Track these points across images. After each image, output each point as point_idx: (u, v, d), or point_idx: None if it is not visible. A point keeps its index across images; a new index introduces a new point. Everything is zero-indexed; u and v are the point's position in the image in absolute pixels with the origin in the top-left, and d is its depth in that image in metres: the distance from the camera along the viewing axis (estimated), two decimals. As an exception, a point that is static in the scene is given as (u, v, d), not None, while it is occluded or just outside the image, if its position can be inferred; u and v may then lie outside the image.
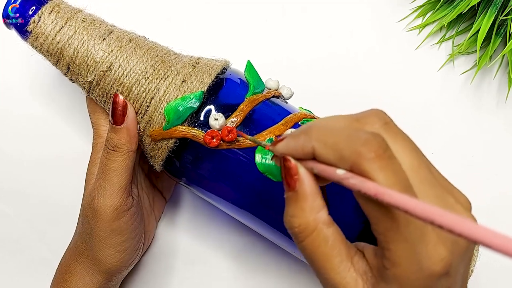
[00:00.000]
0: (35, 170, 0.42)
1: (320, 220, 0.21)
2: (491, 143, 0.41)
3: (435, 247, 0.19)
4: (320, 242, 0.21)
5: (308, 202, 0.21)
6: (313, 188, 0.21)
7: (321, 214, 0.21)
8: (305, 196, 0.21)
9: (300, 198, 0.21)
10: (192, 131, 0.30)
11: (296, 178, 0.21)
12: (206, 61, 0.32)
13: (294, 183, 0.21)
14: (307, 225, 0.21)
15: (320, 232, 0.21)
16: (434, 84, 0.42)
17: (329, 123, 0.22)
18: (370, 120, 0.21)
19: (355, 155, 0.19)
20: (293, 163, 0.21)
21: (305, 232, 0.21)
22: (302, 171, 0.21)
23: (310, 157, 0.21)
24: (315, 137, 0.21)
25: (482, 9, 0.38)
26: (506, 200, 0.41)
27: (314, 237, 0.21)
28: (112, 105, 0.30)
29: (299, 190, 0.21)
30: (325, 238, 0.21)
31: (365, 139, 0.19)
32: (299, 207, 0.21)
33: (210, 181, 0.32)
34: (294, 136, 0.22)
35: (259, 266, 0.40)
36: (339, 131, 0.20)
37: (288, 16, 0.42)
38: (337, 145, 0.20)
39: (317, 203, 0.21)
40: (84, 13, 0.32)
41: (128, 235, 0.33)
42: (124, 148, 0.31)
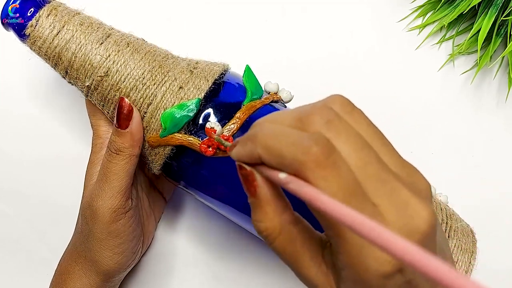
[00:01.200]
0: (35, 170, 0.42)
1: (285, 221, 0.21)
2: (491, 143, 0.41)
3: None
4: (287, 243, 0.21)
5: (271, 206, 0.21)
6: (272, 191, 0.21)
7: (285, 215, 0.21)
8: (267, 200, 0.21)
9: (262, 203, 0.21)
10: (189, 139, 0.30)
11: (255, 184, 0.21)
12: (204, 65, 0.32)
13: (254, 190, 0.21)
14: (273, 228, 0.21)
15: (287, 233, 0.21)
16: (434, 84, 0.42)
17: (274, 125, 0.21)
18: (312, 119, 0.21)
19: (297, 164, 0.19)
20: (248, 170, 0.21)
21: (273, 235, 0.21)
22: (259, 177, 0.21)
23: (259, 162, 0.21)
24: (259, 144, 0.20)
25: (482, 10, 0.38)
26: (506, 200, 0.41)
27: (281, 238, 0.21)
28: (118, 108, 0.30)
29: (260, 195, 0.21)
30: (292, 238, 0.21)
31: (306, 146, 0.19)
32: (263, 212, 0.21)
33: (208, 185, 0.32)
34: (242, 142, 0.22)
35: (258, 268, 0.40)
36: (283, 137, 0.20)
37: (288, 16, 0.42)
38: (281, 152, 0.19)
39: (280, 204, 0.21)
40: (82, 15, 0.32)
41: (125, 237, 0.33)
42: (127, 152, 0.31)
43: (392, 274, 0.19)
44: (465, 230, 0.33)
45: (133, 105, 0.30)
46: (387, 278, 0.19)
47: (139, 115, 0.31)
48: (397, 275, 0.19)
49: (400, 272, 0.19)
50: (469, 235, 0.32)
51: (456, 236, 0.31)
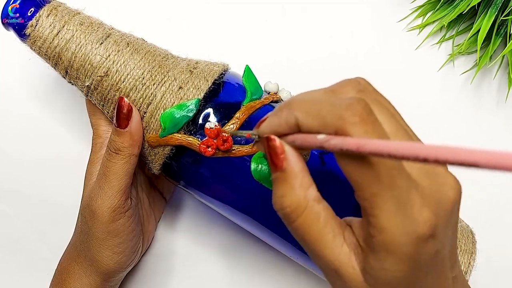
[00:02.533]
0: (35, 170, 0.42)
1: (311, 197, 0.21)
2: (491, 143, 0.41)
3: (420, 210, 0.19)
4: (312, 220, 0.21)
5: (298, 179, 0.21)
6: (300, 164, 0.21)
7: (311, 190, 0.21)
8: (294, 173, 0.21)
9: (289, 176, 0.21)
10: (188, 139, 0.30)
11: (283, 157, 0.21)
12: (204, 65, 0.32)
13: (281, 162, 0.21)
14: (298, 203, 0.21)
15: (312, 209, 0.21)
16: (434, 84, 0.42)
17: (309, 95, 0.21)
18: (345, 90, 0.21)
19: (340, 120, 0.19)
20: (278, 142, 0.21)
21: (297, 210, 0.21)
22: (288, 149, 0.21)
23: (295, 130, 0.21)
24: (297, 108, 0.20)
25: (482, 9, 0.38)
26: (506, 201, 0.41)
27: (306, 214, 0.21)
28: (117, 108, 0.30)
29: (287, 168, 0.21)
30: (317, 215, 0.21)
31: (348, 103, 0.19)
32: (288, 185, 0.21)
33: (207, 185, 0.32)
34: (276, 112, 0.22)
35: (258, 268, 0.40)
36: (321, 100, 0.20)
37: (288, 16, 0.42)
38: (320, 112, 0.19)
39: (306, 179, 0.21)
40: (82, 15, 0.32)
41: (125, 237, 0.33)
42: (126, 152, 0.31)
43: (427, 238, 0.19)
44: (465, 230, 0.33)
45: (133, 105, 0.30)
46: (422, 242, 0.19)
47: (138, 115, 0.31)
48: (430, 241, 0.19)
49: (433, 237, 0.19)
50: (469, 235, 0.32)
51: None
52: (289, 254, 0.34)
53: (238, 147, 0.29)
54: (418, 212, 0.19)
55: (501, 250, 0.40)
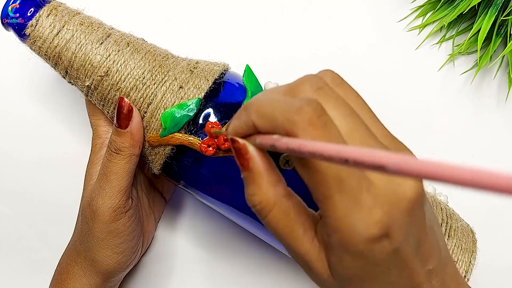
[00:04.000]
0: (35, 170, 0.42)
1: (279, 194, 0.21)
2: (491, 143, 0.41)
3: (370, 211, 0.19)
4: (281, 216, 0.21)
5: (264, 178, 0.21)
6: (265, 163, 0.22)
7: (279, 187, 0.22)
8: (260, 173, 0.21)
9: (256, 175, 0.21)
10: (189, 139, 0.30)
11: (248, 157, 0.21)
12: (204, 65, 0.32)
13: (247, 163, 0.21)
14: (267, 201, 0.21)
15: (281, 206, 0.21)
16: (434, 84, 0.42)
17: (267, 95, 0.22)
18: (302, 88, 0.21)
19: (290, 123, 0.19)
20: (241, 143, 0.22)
21: (267, 208, 0.21)
22: (252, 149, 0.21)
23: (255, 131, 0.21)
24: (254, 111, 0.21)
25: (482, 9, 0.38)
26: (506, 202, 0.40)
27: (275, 211, 0.21)
28: (117, 108, 0.30)
29: (253, 168, 0.21)
30: (286, 211, 0.21)
31: (298, 107, 0.19)
32: (256, 185, 0.21)
33: (208, 184, 0.32)
34: (237, 115, 0.22)
35: (257, 267, 0.40)
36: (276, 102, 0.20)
37: (288, 15, 0.42)
38: (273, 115, 0.20)
39: (273, 177, 0.22)
40: (82, 15, 0.32)
41: (125, 237, 0.33)
42: (127, 152, 0.31)
43: (379, 238, 0.19)
44: (465, 229, 0.33)
45: (133, 105, 0.30)
46: (374, 242, 0.19)
47: (139, 115, 0.31)
48: (384, 240, 0.20)
49: (387, 237, 0.19)
50: (469, 234, 0.32)
51: (456, 236, 0.31)
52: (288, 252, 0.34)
53: None
54: (368, 213, 0.19)
55: (502, 249, 0.40)
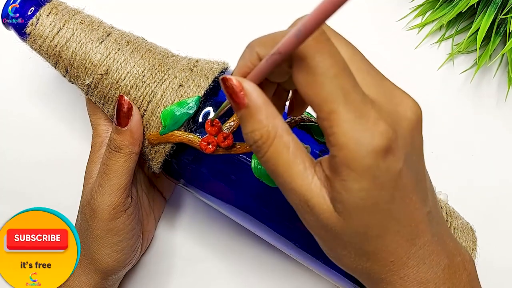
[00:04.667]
0: (35, 170, 0.42)
1: (278, 126, 0.21)
2: (491, 142, 0.41)
3: (375, 122, 0.19)
4: (282, 149, 0.21)
5: (263, 111, 0.21)
6: (263, 97, 0.21)
7: (278, 120, 0.21)
8: (258, 106, 0.21)
9: (254, 110, 0.21)
10: (189, 136, 0.30)
11: (243, 93, 0.21)
12: (204, 63, 0.32)
13: (243, 99, 0.21)
14: (268, 133, 0.21)
15: (281, 138, 0.21)
16: (433, 83, 0.42)
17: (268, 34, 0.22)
18: None
19: None
20: (234, 80, 0.21)
21: (268, 141, 0.21)
22: (247, 84, 0.21)
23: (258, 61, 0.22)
24: (256, 44, 0.22)
25: (481, 8, 0.38)
26: (506, 200, 0.41)
27: (276, 144, 0.21)
28: (117, 106, 0.30)
29: (250, 103, 0.21)
30: (286, 144, 0.21)
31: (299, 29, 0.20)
32: (255, 120, 0.21)
33: (207, 182, 0.32)
34: (241, 56, 0.23)
35: (258, 267, 0.40)
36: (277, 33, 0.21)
37: (288, 14, 0.42)
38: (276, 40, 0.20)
39: (271, 110, 0.21)
40: (83, 14, 0.32)
41: (125, 235, 0.33)
42: (127, 150, 0.31)
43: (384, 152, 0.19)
44: (465, 227, 0.33)
45: (133, 103, 0.30)
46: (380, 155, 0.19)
47: (138, 113, 0.31)
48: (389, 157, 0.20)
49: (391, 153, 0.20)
50: (469, 232, 0.32)
51: (456, 234, 0.32)
52: (289, 252, 0.34)
53: (238, 144, 0.29)
54: (373, 125, 0.19)
55: (502, 248, 0.40)
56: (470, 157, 0.41)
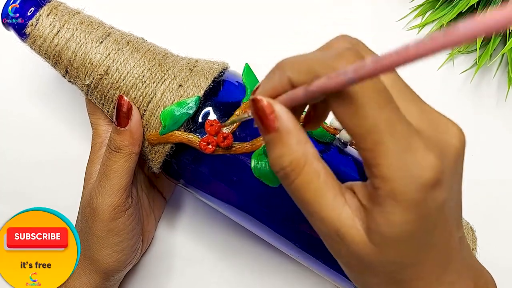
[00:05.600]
0: (34, 170, 0.42)
1: (309, 153, 0.20)
2: (491, 142, 0.41)
3: (424, 154, 0.19)
4: (312, 177, 0.20)
5: (294, 136, 0.20)
6: (294, 121, 0.20)
7: (308, 146, 0.20)
8: (289, 130, 0.20)
9: (284, 134, 0.20)
10: (188, 136, 0.30)
11: (273, 116, 0.20)
12: (203, 64, 0.32)
13: (273, 122, 0.20)
14: (298, 160, 0.20)
15: (311, 165, 0.20)
16: (433, 83, 0.42)
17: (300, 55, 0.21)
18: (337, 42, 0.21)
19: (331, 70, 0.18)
20: (265, 101, 0.20)
21: (297, 168, 0.20)
22: (279, 107, 0.20)
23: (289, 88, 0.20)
24: (288, 67, 0.20)
25: (481, 8, 0.38)
26: (506, 200, 0.41)
27: (306, 171, 0.20)
28: (117, 106, 0.30)
29: (281, 126, 0.20)
30: (317, 172, 0.20)
31: (338, 53, 0.19)
32: (285, 144, 0.20)
33: (207, 182, 0.32)
34: (268, 76, 0.21)
35: (258, 267, 0.40)
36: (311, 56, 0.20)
37: (288, 14, 0.42)
38: (311, 67, 0.19)
39: (302, 135, 0.20)
40: (82, 14, 0.32)
41: (125, 235, 0.33)
42: (127, 150, 0.31)
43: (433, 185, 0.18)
44: (465, 227, 0.33)
45: (133, 103, 0.31)
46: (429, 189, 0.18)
47: (138, 113, 0.31)
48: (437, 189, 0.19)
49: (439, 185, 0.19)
50: (469, 232, 0.32)
51: (456, 234, 0.31)
52: (289, 252, 0.34)
53: (238, 144, 0.29)
54: (422, 157, 0.18)
55: (501, 248, 0.40)
56: (470, 157, 0.41)
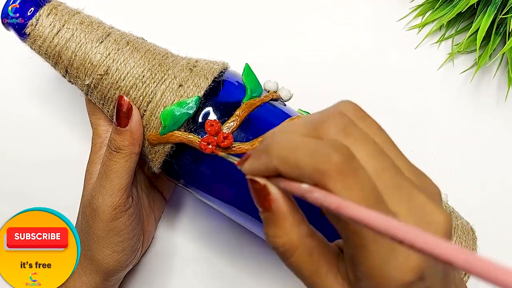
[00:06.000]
0: (34, 170, 0.42)
1: (303, 234, 0.20)
2: (491, 142, 0.41)
3: (406, 258, 0.19)
4: (305, 257, 0.20)
5: (288, 219, 0.20)
6: (289, 204, 0.20)
7: (302, 227, 0.20)
8: (283, 214, 0.20)
9: (279, 217, 0.20)
10: (189, 136, 0.30)
11: (270, 198, 0.20)
12: (203, 64, 0.32)
13: (269, 204, 0.20)
14: (291, 243, 0.20)
15: (305, 247, 0.20)
16: (433, 83, 0.42)
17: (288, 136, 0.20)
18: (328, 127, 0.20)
19: (318, 174, 0.18)
20: (262, 184, 0.20)
21: (290, 250, 0.20)
22: (274, 191, 0.20)
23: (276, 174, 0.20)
24: (275, 155, 0.19)
25: (481, 8, 0.38)
26: (506, 199, 0.41)
27: (299, 253, 0.20)
28: (117, 107, 0.30)
29: (276, 210, 0.20)
30: (310, 251, 0.20)
31: (326, 154, 0.18)
32: (279, 227, 0.20)
33: (207, 183, 0.32)
34: (256, 155, 0.21)
35: (258, 267, 0.40)
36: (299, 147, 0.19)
37: (288, 14, 0.42)
38: (299, 163, 0.19)
39: (297, 217, 0.20)
40: (82, 14, 0.32)
41: (125, 235, 0.33)
42: (127, 150, 0.31)
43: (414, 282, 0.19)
44: (465, 227, 0.33)
45: (133, 103, 0.31)
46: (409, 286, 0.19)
47: (138, 113, 0.31)
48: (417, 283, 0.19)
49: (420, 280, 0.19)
50: (469, 232, 0.32)
51: (456, 234, 0.32)
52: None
53: (238, 144, 0.29)
54: (404, 261, 0.19)
55: (501, 248, 0.40)
56: (470, 157, 0.41)
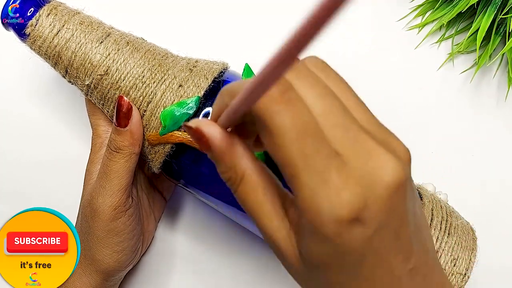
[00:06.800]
0: (34, 170, 0.42)
1: (246, 167, 0.21)
2: (491, 142, 0.41)
3: (338, 192, 0.18)
4: (249, 190, 0.21)
5: (227, 154, 0.21)
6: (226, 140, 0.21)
7: (245, 161, 0.21)
8: (222, 150, 0.21)
9: (217, 154, 0.21)
10: (188, 137, 0.30)
11: (205, 139, 0.21)
12: (203, 64, 0.32)
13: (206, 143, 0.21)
14: (235, 175, 0.21)
15: (248, 180, 0.21)
16: (433, 83, 0.42)
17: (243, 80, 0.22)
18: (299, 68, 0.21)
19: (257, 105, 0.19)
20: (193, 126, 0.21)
21: (235, 182, 0.21)
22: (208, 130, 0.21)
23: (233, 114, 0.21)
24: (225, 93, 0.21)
25: (481, 8, 0.38)
26: (506, 199, 0.41)
27: (243, 185, 0.21)
28: (117, 107, 0.30)
29: (214, 148, 0.21)
30: (254, 186, 0.21)
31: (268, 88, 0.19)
32: (222, 162, 0.21)
33: (207, 183, 0.32)
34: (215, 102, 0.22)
35: (258, 267, 0.40)
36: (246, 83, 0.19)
37: (288, 14, 0.42)
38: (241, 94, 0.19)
39: (237, 152, 0.21)
40: (82, 14, 0.32)
41: (125, 235, 0.33)
42: (127, 150, 0.31)
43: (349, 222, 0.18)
44: (465, 227, 0.33)
45: (133, 104, 0.31)
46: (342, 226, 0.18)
47: (138, 113, 0.31)
48: (355, 226, 0.18)
49: (359, 222, 0.18)
50: (469, 232, 0.32)
51: (456, 233, 0.31)
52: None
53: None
54: (336, 194, 0.18)
55: (501, 248, 0.40)
56: (470, 157, 0.41)
